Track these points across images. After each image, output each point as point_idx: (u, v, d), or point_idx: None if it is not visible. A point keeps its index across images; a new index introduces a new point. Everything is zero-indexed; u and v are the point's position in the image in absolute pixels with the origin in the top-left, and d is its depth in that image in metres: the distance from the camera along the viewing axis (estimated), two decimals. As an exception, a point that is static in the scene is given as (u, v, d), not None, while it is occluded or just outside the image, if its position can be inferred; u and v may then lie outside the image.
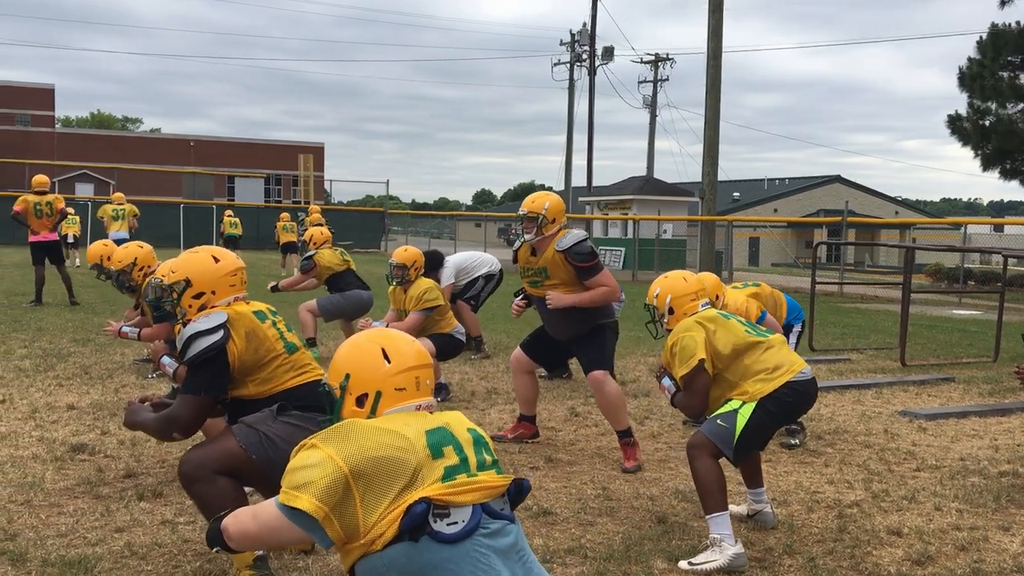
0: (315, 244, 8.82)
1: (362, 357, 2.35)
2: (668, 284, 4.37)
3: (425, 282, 7.13)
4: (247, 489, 4.36)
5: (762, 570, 3.77)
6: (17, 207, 12.41)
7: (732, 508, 4.42)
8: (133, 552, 3.76)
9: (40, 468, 4.92)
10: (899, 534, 4.27)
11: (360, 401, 2.32)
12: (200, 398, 3.35)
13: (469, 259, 9.68)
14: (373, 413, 2.31)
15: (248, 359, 3.39)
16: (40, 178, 12.77)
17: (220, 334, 3.33)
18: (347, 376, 2.34)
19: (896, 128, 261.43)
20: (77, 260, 20.48)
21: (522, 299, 5.73)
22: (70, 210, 21.52)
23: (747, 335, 4.11)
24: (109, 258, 7.02)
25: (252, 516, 2.21)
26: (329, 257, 8.64)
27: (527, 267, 5.52)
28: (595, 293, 5.29)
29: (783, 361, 4.02)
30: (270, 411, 3.36)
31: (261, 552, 3.33)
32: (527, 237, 5.40)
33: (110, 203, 17.86)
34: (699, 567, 3.71)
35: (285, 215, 21.67)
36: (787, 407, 3.99)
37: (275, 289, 9.17)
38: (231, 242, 22.47)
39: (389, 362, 2.33)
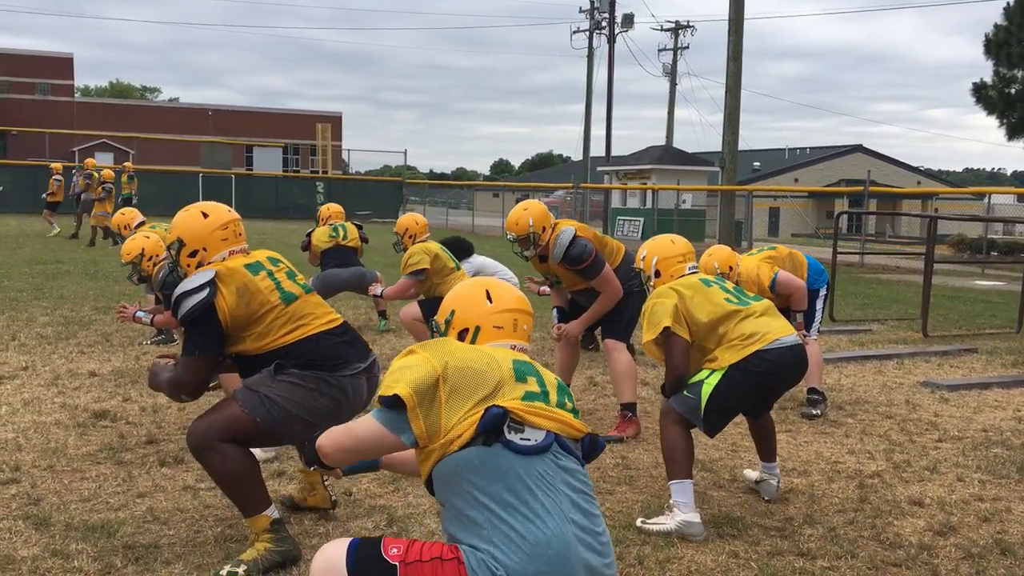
0: (323, 220, 9.00)
1: (467, 296, 2.54)
2: (654, 246, 4.31)
3: (414, 248, 7.18)
4: (269, 453, 4.36)
5: (783, 539, 3.76)
6: None
7: (747, 472, 4.41)
8: (155, 517, 3.79)
9: (63, 434, 4.96)
10: (921, 505, 4.24)
11: (461, 335, 2.49)
12: (197, 358, 3.31)
13: (494, 265, 9.55)
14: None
15: (240, 314, 3.30)
16: None
17: (206, 292, 3.26)
18: (452, 312, 2.53)
19: (920, 97, 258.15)
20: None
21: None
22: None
23: (726, 303, 3.99)
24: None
25: (345, 431, 2.36)
26: (319, 235, 8.77)
27: (544, 273, 5.65)
28: (601, 304, 5.34)
29: (759, 329, 3.90)
30: (268, 372, 3.32)
31: (277, 515, 3.35)
32: (527, 255, 5.45)
33: None
34: (649, 527, 3.76)
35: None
36: (758, 377, 3.85)
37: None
38: (127, 202, 21.23)
39: (491, 302, 2.51)
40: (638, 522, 3.83)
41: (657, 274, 4.25)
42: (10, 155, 44.00)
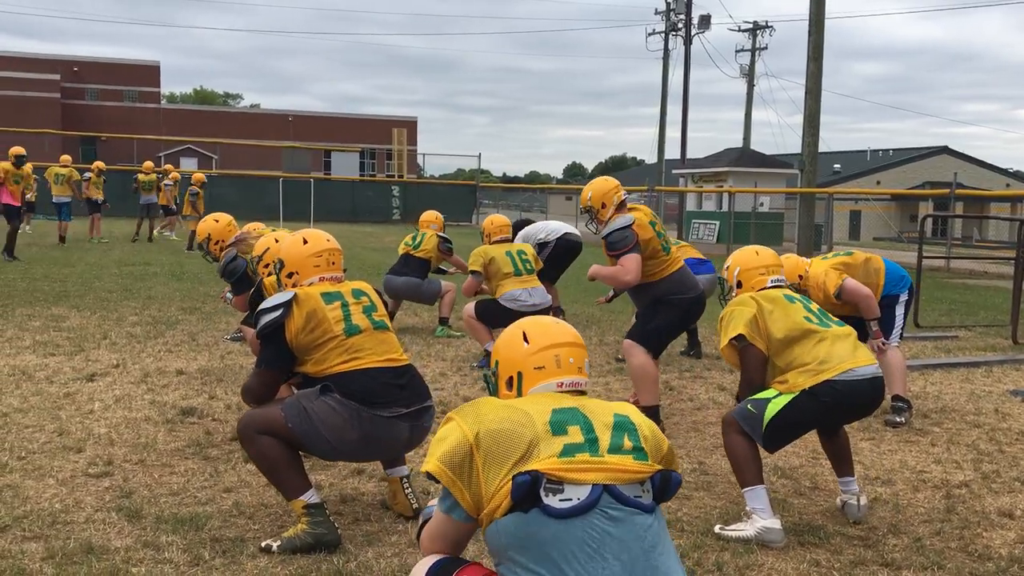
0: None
1: (507, 342, 2.45)
2: (738, 257, 4.29)
3: (475, 250, 7.56)
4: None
5: (866, 549, 3.68)
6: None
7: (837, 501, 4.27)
8: (241, 512, 3.90)
9: (152, 430, 5.13)
10: (1011, 516, 4.11)
11: (509, 384, 2.42)
12: (263, 371, 3.64)
13: (535, 229, 9.52)
14: (520, 393, 2.38)
15: (304, 339, 3.55)
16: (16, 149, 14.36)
17: (279, 312, 3.55)
18: (496, 363, 2.47)
19: (1010, 97, 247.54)
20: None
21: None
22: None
23: (805, 323, 3.91)
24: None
25: (426, 531, 2.36)
26: (403, 241, 9.09)
27: None
28: (606, 271, 5.38)
29: (832, 356, 3.79)
30: (316, 389, 3.55)
31: (316, 501, 3.52)
32: (593, 229, 5.54)
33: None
34: (727, 533, 3.72)
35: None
36: (824, 407, 3.76)
37: None
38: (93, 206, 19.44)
39: (527, 343, 2.41)
40: (716, 529, 3.80)
41: (739, 285, 4.23)
42: (100, 160, 45.62)
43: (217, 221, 6.81)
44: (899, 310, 5.96)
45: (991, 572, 3.49)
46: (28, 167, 14.58)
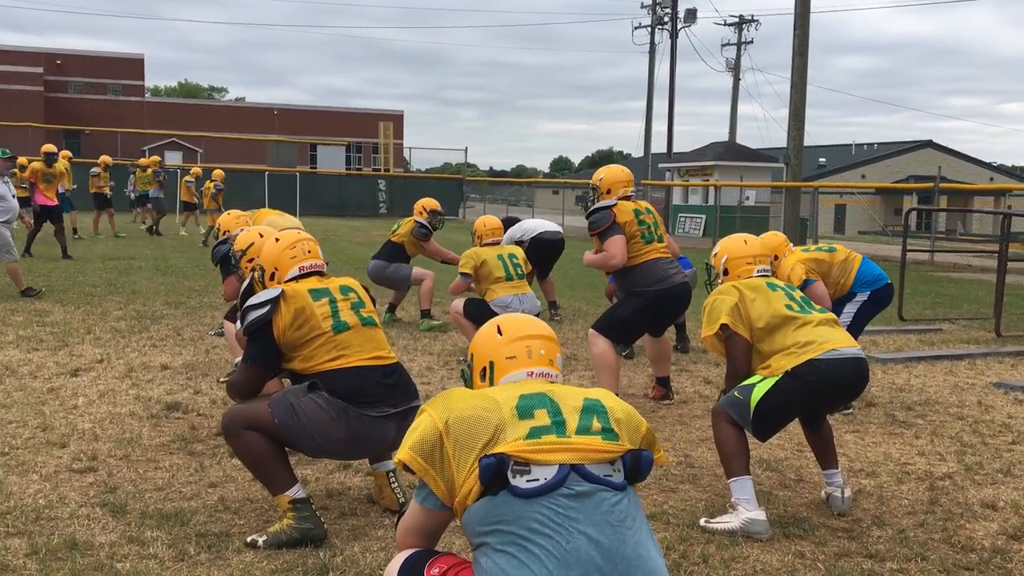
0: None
1: (482, 335, 2.53)
2: (727, 244, 4.33)
3: (467, 252, 7.49)
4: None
5: (850, 540, 3.71)
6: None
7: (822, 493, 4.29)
8: (226, 507, 3.89)
9: (137, 425, 5.11)
10: (994, 508, 4.14)
11: (483, 374, 2.48)
12: (249, 367, 3.63)
13: (514, 230, 9.56)
14: (492, 383, 2.44)
15: (291, 335, 3.55)
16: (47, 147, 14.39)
17: (267, 308, 3.54)
18: (471, 355, 2.53)
19: (996, 91, 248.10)
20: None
21: None
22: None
23: (785, 310, 3.93)
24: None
25: (400, 524, 2.40)
26: None
27: None
28: (594, 257, 5.59)
29: (815, 338, 3.82)
30: (304, 386, 3.55)
31: (302, 495, 3.53)
32: (589, 205, 5.67)
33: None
34: (712, 525, 3.74)
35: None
36: (809, 386, 3.77)
37: None
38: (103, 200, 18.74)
39: (501, 335, 2.48)
40: (702, 522, 3.81)
41: (725, 272, 4.26)
42: (83, 154, 45.31)
43: (229, 214, 6.67)
44: (849, 307, 5.95)
45: (974, 563, 3.52)
46: (59, 164, 14.47)
